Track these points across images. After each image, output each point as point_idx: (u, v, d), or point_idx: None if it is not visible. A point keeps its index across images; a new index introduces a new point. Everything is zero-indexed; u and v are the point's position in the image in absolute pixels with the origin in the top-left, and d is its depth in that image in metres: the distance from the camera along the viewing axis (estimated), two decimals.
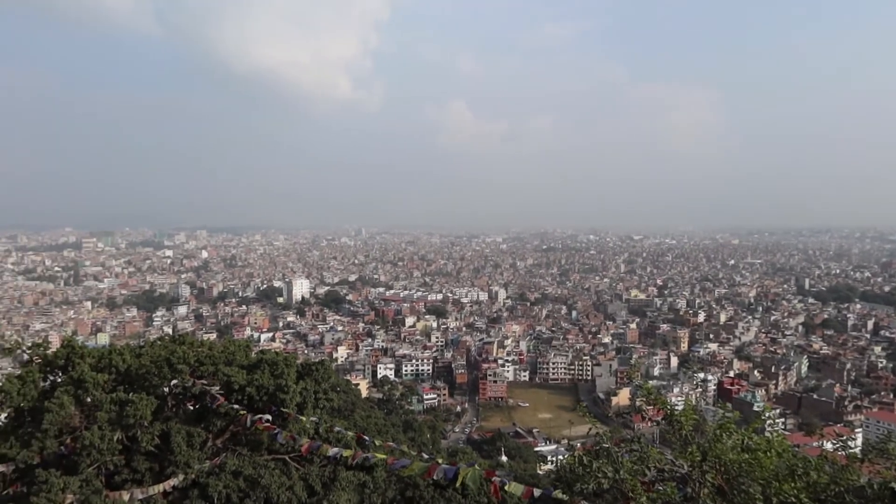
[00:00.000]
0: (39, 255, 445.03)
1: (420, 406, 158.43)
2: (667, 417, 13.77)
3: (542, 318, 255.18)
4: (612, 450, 13.44)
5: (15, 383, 24.50)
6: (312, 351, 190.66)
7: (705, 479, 12.13)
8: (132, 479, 23.70)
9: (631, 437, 15.12)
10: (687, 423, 13.17)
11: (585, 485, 12.61)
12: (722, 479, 12.05)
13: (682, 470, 12.65)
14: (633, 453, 13.47)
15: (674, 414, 13.54)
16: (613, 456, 13.17)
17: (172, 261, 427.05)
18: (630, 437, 15.35)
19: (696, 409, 14.33)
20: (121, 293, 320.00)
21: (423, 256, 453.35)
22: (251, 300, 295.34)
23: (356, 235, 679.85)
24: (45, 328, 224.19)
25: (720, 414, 13.46)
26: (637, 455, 13.31)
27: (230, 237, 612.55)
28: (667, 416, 13.82)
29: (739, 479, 11.80)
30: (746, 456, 11.85)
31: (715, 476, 12.11)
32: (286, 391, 25.43)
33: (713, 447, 12.24)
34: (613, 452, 13.32)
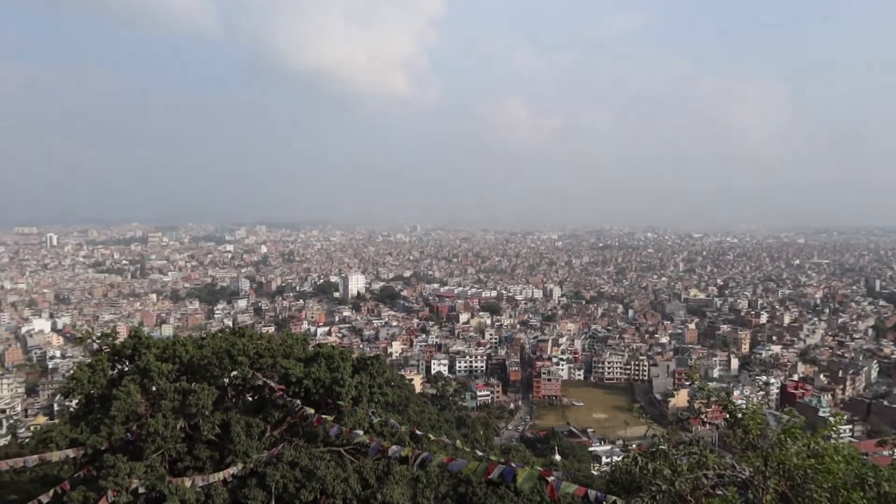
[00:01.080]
0: (108, 249, 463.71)
1: (473, 403, 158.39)
2: (730, 420, 13.38)
3: (598, 316, 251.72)
4: (670, 452, 13.15)
5: (86, 371, 25.59)
6: (367, 346, 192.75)
7: (768, 485, 11.74)
8: (194, 466, 24.43)
9: (689, 439, 14.75)
10: (754, 427, 12.77)
11: (642, 487, 12.37)
12: (786, 486, 11.64)
13: (743, 475, 12.27)
14: (691, 456, 13.15)
15: (738, 417, 13.15)
16: (671, 458, 12.88)
17: (233, 255, 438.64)
18: (688, 439, 14.98)
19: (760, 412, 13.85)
20: (184, 286, 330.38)
21: (478, 253, 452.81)
22: (308, 295, 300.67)
23: (411, 231, 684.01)
24: (114, 319, 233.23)
25: (784, 419, 13.00)
26: (696, 458, 12.98)
27: (288, 232, 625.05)
28: (730, 419, 13.43)
29: (805, 485, 11.38)
30: (812, 462, 11.41)
31: (779, 482, 11.71)
32: (342, 385, 25.80)
33: (777, 452, 11.84)
34: (671, 455, 13.02)
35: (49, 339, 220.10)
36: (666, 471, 12.19)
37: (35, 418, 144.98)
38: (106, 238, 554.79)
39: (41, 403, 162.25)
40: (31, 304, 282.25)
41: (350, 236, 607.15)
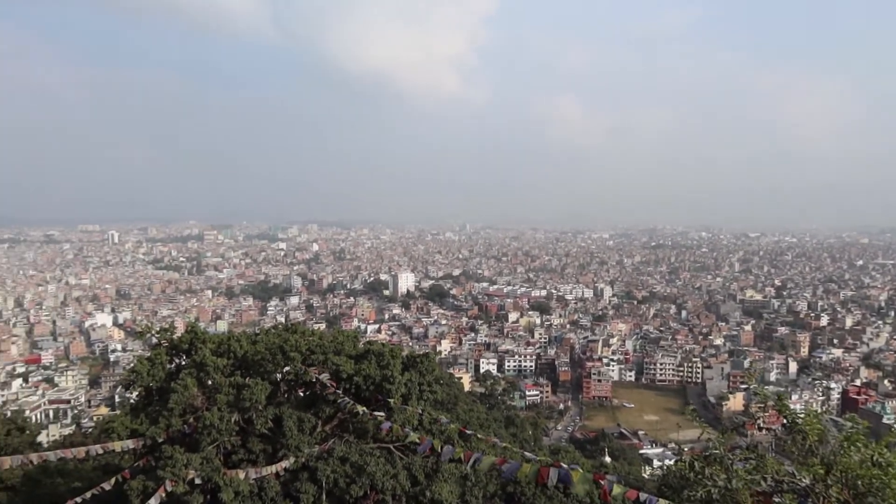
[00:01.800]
0: (167, 246, 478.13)
1: (522, 402, 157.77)
2: (787, 426, 12.96)
3: (650, 317, 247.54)
4: (726, 456, 12.81)
5: (145, 364, 26.45)
6: (416, 343, 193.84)
7: (830, 494, 11.32)
8: (247, 459, 24.97)
9: (746, 444, 14.35)
10: (812, 433, 12.33)
11: (695, 492, 12.09)
12: (849, 495, 11.20)
13: (802, 482, 11.87)
14: (748, 462, 12.78)
15: (796, 422, 12.71)
16: (726, 463, 12.54)
17: (285, 253, 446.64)
18: (745, 444, 14.57)
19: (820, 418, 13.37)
20: (238, 283, 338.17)
21: (528, 252, 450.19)
22: (358, 292, 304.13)
23: (460, 230, 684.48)
24: (171, 314, 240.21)
25: (847, 425, 12.51)
26: (753, 464, 12.61)
27: (339, 231, 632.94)
28: (787, 424, 13.01)
29: (868, 496, 10.93)
30: (877, 472, 10.95)
31: (841, 491, 11.28)
32: (392, 382, 26.00)
33: (839, 460, 11.40)
34: (726, 459, 12.69)
35: (111, 333, 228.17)
36: (722, 475, 11.88)
37: (97, 409, 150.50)
38: (164, 236, 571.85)
39: (103, 395, 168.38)
40: (94, 299, 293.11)
41: (400, 235, 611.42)
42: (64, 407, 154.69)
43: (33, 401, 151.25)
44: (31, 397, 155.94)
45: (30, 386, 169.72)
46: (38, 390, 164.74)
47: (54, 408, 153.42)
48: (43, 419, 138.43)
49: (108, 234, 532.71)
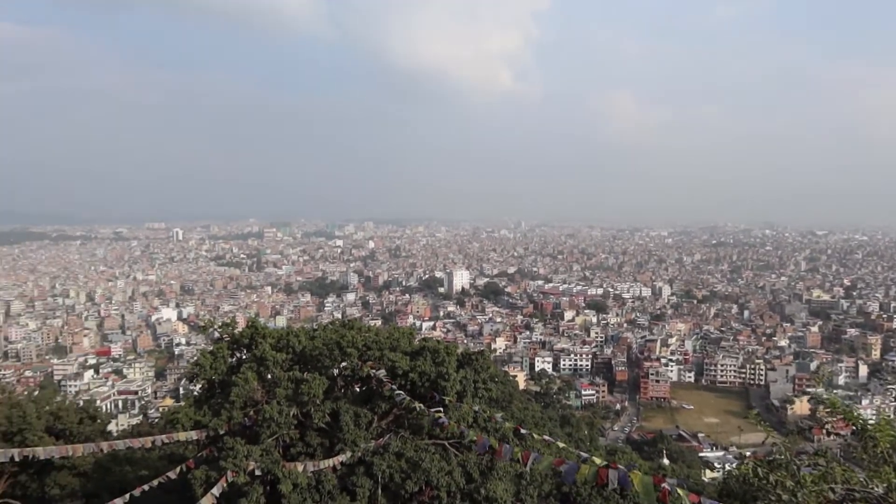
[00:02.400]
0: (228, 244, 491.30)
1: (578, 401, 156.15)
2: (857, 431, 12.40)
3: (711, 317, 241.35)
4: (792, 462, 12.35)
5: (208, 358, 27.24)
6: (471, 341, 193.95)
7: None
8: (305, 452, 25.42)
9: (813, 450, 13.81)
10: (883, 440, 11.76)
11: (761, 499, 11.70)
12: None
13: (876, 491, 11.34)
14: (815, 468, 12.29)
15: (866, 429, 12.15)
16: (792, 469, 12.09)
17: (342, 250, 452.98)
18: (812, 450, 14.02)
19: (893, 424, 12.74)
20: (296, 279, 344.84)
21: (584, 250, 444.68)
22: (414, 289, 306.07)
23: (516, 228, 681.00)
24: (232, 309, 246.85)
25: None
26: (821, 471, 12.12)
27: (395, 228, 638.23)
28: (857, 431, 12.45)
29: None
30: None
31: None
32: (447, 379, 26.05)
33: None
34: (792, 465, 12.23)
35: (175, 328, 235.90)
36: (788, 482, 11.45)
37: (163, 400, 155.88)
38: (226, 233, 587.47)
39: (168, 386, 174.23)
40: (160, 294, 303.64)
41: (455, 232, 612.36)
42: (132, 398, 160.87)
43: (103, 391, 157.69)
44: (102, 388, 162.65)
45: (100, 377, 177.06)
46: (108, 381, 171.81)
47: (123, 398, 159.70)
48: (112, 409, 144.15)
49: (173, 231, 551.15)
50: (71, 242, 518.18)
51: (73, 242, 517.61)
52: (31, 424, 36.04)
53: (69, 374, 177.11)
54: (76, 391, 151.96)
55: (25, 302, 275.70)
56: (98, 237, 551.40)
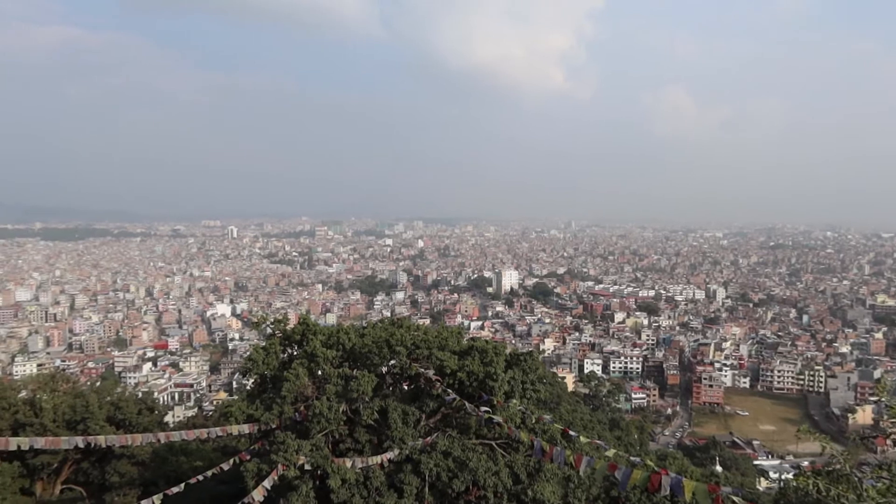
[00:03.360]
0: (280, 241, 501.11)
1: (627, 405, 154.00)
2: None
3: (767, 321, 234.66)
4: (854, 474, 11.88)
5: (261, 353, 27.80)
6: (520, 341, 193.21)
7: None
8: (354, 448, 25.69)
9: (877, 461, 13.27)
10: None
11: None
12: None
13: None
14: (880, 481, 11.79)
15: None
16: (854, 481, 11.63)
17: (392, 249, 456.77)
18: (876, 461, 13.48)
19: None
20: (346, 277, 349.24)
21: (635, 251, 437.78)
22: (462, 289, 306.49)
23: (566, 228, 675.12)
24: (284, 306, 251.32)
25: None
26: (885, 483, 11.62)
27: (444, 228, 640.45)
28: None
29: None
30: None
31: None
32: (495, 379, 25.94)
33: None
34: (855, 478, 11.76)
35: (230, 323, 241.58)
36: (850, 495, 11.01)
37: (217, 394, 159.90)
38: (279, 231, 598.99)
39: (222, 380, 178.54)
40: (215, 290, 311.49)
41: (504, 232, 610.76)
42: (187, 390, 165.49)
43: (161, 383, 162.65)
44: (159, 380, 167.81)
45: (158, 370, 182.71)
46: (165, 374, 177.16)
47: (179, 391, 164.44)
48: (169, 401, 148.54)
49: (228, 229, 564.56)
50: (132, 239, 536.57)
51: (134, 239, 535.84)
52: (94, 414, 37.45)
53: (129, 366, 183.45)
54: (135, 383, 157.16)
55: (89, 296, 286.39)
56: (157, 234, 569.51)
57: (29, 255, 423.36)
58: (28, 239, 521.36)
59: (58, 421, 37.10)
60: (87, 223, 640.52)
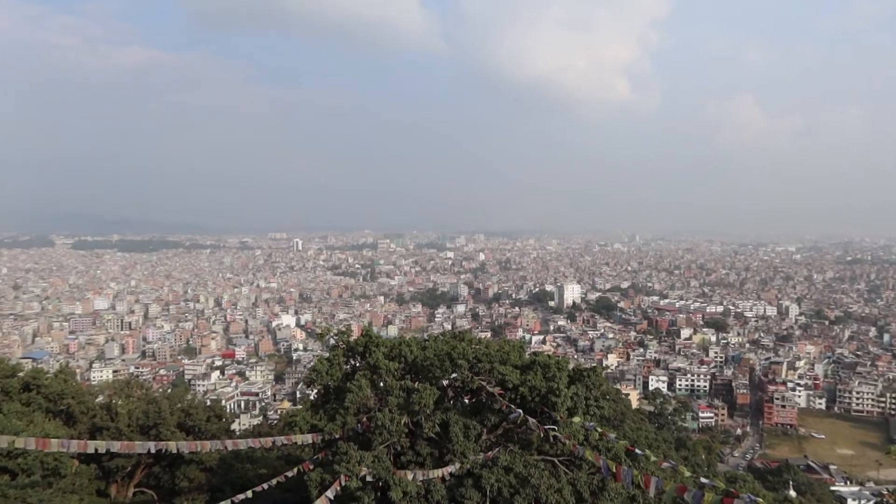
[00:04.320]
0: (344, 254, 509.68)
1: (694, 424, 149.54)
2: None
3: (844, 339, 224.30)
4: None
5: (325, 364, 28.26)
6: (582, 356, 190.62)
7: None
8: (415, 461, 25.74)
9: None
10: None
11: None
12: None
13: None
14: None
15: None
16: None
17: (453, 262, 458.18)
18: None
19: None
20: (408, 290, 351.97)
21: (702, 265, 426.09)
22: (523, 302, 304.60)
23: (629, 241, 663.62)
24: (347, 318, 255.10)
25: None
26: None
27: (505, 241, 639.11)
28: None
29: None
30: None
31: None
32: (558, 394, 25.59)
33: None
34: None
35: (294, 333, 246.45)
36: None
37: (281, 403, 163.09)
38: (342, 244, 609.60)
39: (286, 390, 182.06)
40: (281, 301, 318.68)
41: (566, 245, 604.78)
42: (253, 399, 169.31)
43: (228, 391, 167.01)
44: (227, 388, 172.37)
45: (225, 378, 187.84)
46: (232, 382, 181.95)
47: (245, 399, 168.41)
48: (235, 409, 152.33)
49: (294, 241, 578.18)
50: (202, 251, 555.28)
51: (204, 251, 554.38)
52: (165, 420, 38.74)
53: (198, 373, 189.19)
54: (204, 390, 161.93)
55: (161, 305, 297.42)
56: (226, 246, 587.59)
57: (107, 266, 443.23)
58: (106, 250, 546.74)
59: (132, 426, 38.51)
60: (160, 235, 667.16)
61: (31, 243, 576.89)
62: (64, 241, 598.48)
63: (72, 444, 22.73)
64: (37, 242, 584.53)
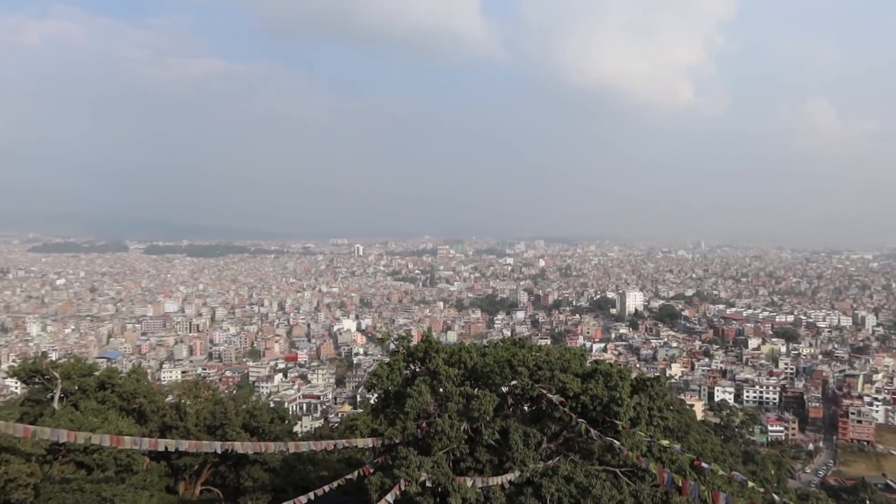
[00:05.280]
0: (404, 259, 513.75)
1: (763, 438, 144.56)
2: None
3: None
4: None
5: (385, 369, 28.50)
6: (644, 365, 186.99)
7: None
8: (475, 467, 25.63)
9: None
10: None
11: None
12: None
13: None
14: None
15: None
16: None
17: (512, 268, 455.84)
18: None
19: None
20: (467, 296, 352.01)
21: (771, 273, 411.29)
22: (584, 310, 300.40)
23: (694, 248, 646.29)
24: (407, 323, 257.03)
25: None
26: None
27: (566, 247, 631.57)
28: None
29: None
30: None
31: None
32: (620, 404, 25.06)
33: None
34: None
35: (355, 338, 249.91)
36: None
37: (342, 406, 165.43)
38: (402, 249, 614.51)
39: (347, 393, 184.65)
40: (342, 306, 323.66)
41: (628, 252, 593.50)
42: (314, 402, 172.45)
43: (290, 394, 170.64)
44: (289, 391, 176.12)
45: (288, 380, 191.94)
46: (294, 385, 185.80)
47: (307, 402, 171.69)
48: (297, 411, 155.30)
49: (355, 247, 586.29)
50: (266, 256, 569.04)
51: (268, 256, 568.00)
52: (231, 420, 39.80)
53: (262, 376, 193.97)
54: (268, 392, 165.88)
55: (228, 309, 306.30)
56: (289, 251, 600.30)
57: (176, 270, 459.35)
58: (176, 255, 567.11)
59: (199, 425, 39.72)
60: (227, 241, 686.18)
61: (107, 248, 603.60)
62: (137, 246, 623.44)
63: (143, 441, 23.62)
64: (112, 247, 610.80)
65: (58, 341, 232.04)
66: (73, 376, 39.20)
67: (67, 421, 30.74)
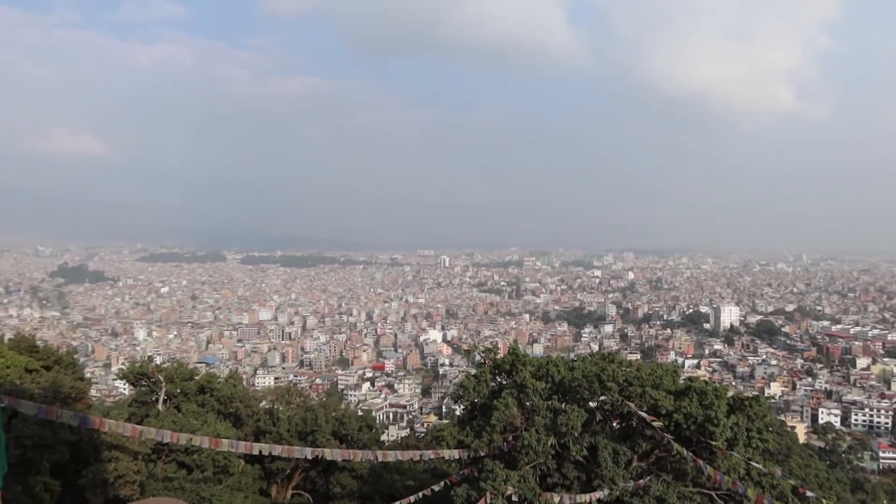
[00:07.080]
0: (489, 271, 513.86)
1: (874, 464, 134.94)
2: None
3: None
4: None
5: (472, 381, 28.49)
6: (741, 383, 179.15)
7: None
8: (562, 483, 25.18)
9: None
10: None
11: None
12: None
13: None
14: None
15: None
16: None
17: (600, 280, 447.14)
18: None
19: None
20: (554, 308, 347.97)
21: (882, 287, 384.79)
22: (676, 324, 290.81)
23: (795, 261, 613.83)
24: (492, 335, 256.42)
25: None
26: None
27: (656, 259, 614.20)
28: None
29: None
30: None
31: None
32: (716, 424, 24.02)
33: None
34: None
35: (440, 349, 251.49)
36: None
37: (427, 416, 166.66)
38: (488, 261, 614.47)
39: (433, 404, 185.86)
40: (428, 316, 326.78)
41: (723, 264, 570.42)
42: (401, 411, 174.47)
43: (377, 403, 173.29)
44: (376, 399, 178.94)
45: (375, 390, 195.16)
46: (381, 394, 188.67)
47: (393, 411, 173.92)
48: (384, 420, 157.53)
49: (441, 258, 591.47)
50: (355, 266, 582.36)
51: (357, 267, 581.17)
52: (321, 427, 40.78)
53: (350, 384, 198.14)
54: (356, 401, 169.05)
55: (318, 318, 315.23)
56: (377, 262, 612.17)
57: (270, 280, 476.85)
58: (270, 265, 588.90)
59: (291, 431, 40.88)
60: (318, 251, 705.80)
61: (207, 258, 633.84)
62: (234, 257, 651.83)
63: (239, 444, 24.58)
64: (211, 257, 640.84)
65: (162, 346, 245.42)
66: (175, 380, 41.27)
67: (171, 422, 32.41)
